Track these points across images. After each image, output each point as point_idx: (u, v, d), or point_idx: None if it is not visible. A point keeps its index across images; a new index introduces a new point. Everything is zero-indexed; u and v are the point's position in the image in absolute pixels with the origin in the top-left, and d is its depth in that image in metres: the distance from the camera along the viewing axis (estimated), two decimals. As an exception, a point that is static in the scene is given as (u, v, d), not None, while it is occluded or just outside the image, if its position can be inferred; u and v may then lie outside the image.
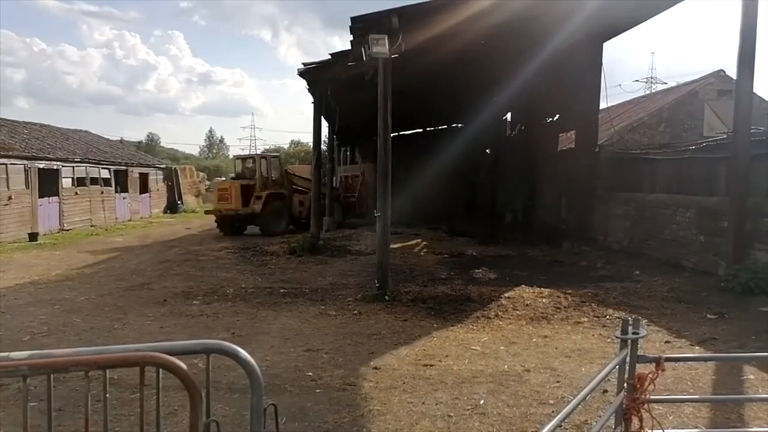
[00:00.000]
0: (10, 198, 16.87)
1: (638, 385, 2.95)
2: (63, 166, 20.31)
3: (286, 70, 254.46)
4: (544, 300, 8.58)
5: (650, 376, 2.94)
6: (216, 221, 19.65)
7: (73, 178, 21.20)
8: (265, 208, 18.81)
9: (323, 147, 23.86)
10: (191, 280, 10.47)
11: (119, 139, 45.23)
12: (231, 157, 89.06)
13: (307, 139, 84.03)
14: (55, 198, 19.79)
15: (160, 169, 30.17)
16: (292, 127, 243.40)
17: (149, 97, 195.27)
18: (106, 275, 11.07)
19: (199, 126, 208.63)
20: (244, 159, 21.63)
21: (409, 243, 16.61)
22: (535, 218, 20.10)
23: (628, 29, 14.88)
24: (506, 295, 8.89)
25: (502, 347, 6.35)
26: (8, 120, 22.03)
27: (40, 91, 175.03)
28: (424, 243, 16.65)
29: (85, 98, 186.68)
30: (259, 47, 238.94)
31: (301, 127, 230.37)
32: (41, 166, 18.82)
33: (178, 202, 30.94)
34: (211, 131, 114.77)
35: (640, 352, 3.01)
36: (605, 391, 4.69)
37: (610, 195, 15.20)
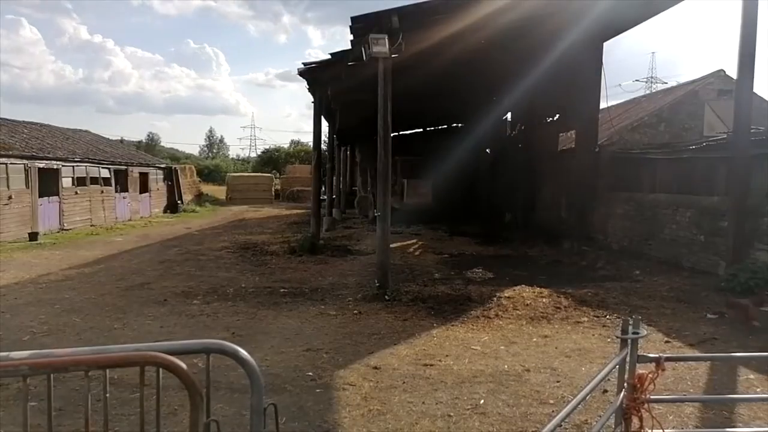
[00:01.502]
0: (10, 198, 16.85)
1: (638, 385, 2.95)
2: (63, 166, 20.24)
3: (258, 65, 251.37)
4: (544, 300, 8.59)
5: (650, 375, 2.94)
6: None
7: (73, 177, 21.13)
8: None
9: (323, 147, 23.86)
10: (191, 280, 10.46)
11: (119, 138, 45.28)
12: (231, 156, 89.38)
13: (306, 138, 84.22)
14: (55, 198, 19.74)
15: (160, 168, 30.08)
16: (275, 122, 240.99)
17: (117, 94, 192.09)
18: (106, 275, 11.05)
19: (177, 123, 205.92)
20: None
21: (409, 243, 16.62)
22: (535, 218, 20.09)
23: (628, 29, 14.87)
24: (506, 294, 8.89)
25: (502, 347, 6.36)
26: (8, 119, 21.99)
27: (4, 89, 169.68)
28: (423, 243, 16.66)
29: (56, 96, 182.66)
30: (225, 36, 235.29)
31: (283, 123, 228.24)
32: (41, 165, 18.77)
33: (179, 201, 30.89)
34: (211, 131, 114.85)
35: (640, 352, 3.01)
36: (605, 391, 4.70)
37: (610, 195, 15.20)
